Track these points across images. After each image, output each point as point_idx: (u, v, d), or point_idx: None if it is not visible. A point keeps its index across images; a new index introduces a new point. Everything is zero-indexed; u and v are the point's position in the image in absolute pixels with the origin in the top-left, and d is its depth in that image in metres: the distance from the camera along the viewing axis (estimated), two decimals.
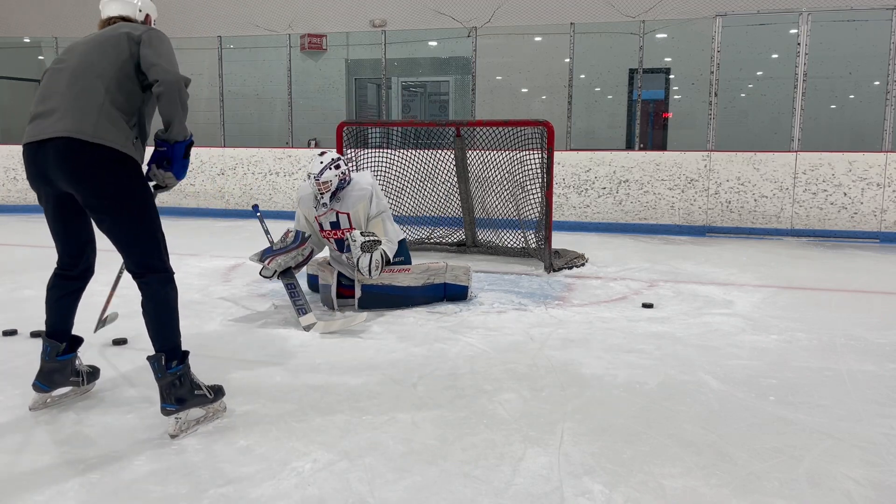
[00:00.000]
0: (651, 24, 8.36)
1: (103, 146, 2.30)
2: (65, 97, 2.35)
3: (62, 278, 2.60)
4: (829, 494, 2.06)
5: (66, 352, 2.62)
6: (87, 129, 2.29)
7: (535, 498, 2.02)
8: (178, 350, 2.49)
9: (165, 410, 2.42)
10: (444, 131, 6.18)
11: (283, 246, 4.13)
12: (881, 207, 7.12)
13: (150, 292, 2.46)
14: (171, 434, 2.41)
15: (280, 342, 3.56)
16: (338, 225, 4.22)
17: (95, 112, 2.32)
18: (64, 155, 2.30)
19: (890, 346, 3.52)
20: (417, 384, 2.95)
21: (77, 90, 2.35)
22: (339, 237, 4.26)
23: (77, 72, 2.39)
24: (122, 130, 2.36)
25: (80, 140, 2.28)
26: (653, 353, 3.39)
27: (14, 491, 2.06)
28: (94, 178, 2.32)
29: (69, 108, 2.33)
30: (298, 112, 9.40)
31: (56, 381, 2.63)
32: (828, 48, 7.87)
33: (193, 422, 2.49)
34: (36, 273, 5.03)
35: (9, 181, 9.35)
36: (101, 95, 2.35)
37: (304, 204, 4.27)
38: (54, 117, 2.33)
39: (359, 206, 4.17)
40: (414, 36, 9.80)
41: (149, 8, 2.77)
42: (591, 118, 9.75)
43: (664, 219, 7.72)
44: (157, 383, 2.44)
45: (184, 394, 2.44)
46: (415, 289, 4.23)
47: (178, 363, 2.46)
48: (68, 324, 2.64)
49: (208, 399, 2.54)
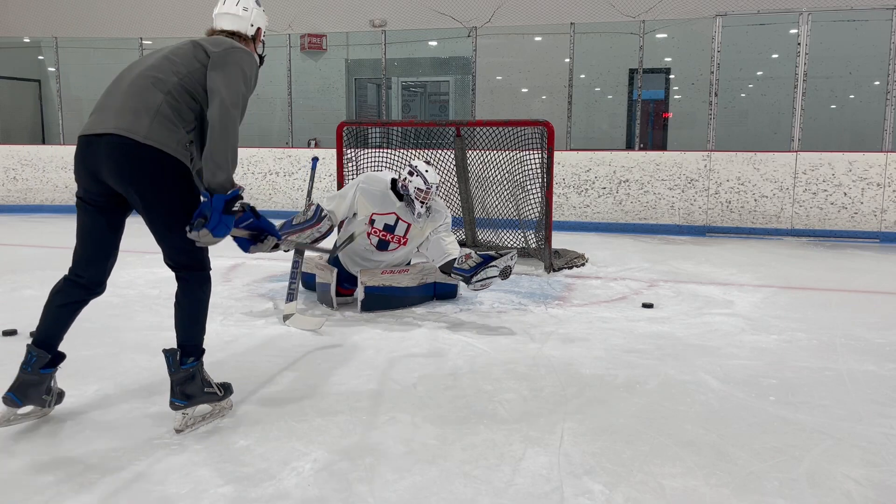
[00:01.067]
0: (651, 24, 8.36)
1: (154, 148, 2.30)
2: (124, 95, 2.36)
3: (71, 284, 2.49)
4: (829, 494, 2.06)
5: (48, 366, 2.46)
6: (140, 129, 2.29)
7: (535, 498, 2.02)
8: (198, 347, 2.50)
9: (174, 405, 2.43)
10: (444, 131, 6.17)
11: (300, 222, 4.06)
12: (881, 207, 7.12)
13: (186, 288, 2.48)
14: (177, 429, 2.42)
15: (280, 342, 3.56)
16: (392, 229, 4.21)
17: (151, 114, 2.31)
18: (114, 151, 2.30)
19: (890, 346, 3.52)
20: (417, 384, 2.95)
21: (136, 90, 2.36)
22: (385, 239, 4.24)
23: (143, 73, 2.39)
24: (176, 134, 2.34)
25: (132, 139, 2.28)
26: (653, 353, 3.39)
27: (13, 491, 2.06)
28: (142, 178, 2.31)
29: (125, 107, 2.33)
30: (298, 112, 9.40)
31: (30, 396, 2.44)
32: (828, 48, 7.87)
33: (199, 418, 2.50)
34: (36, 273, 5.03)
35: (9, 181, 9.35)
36: (160, 98, 2.34)
37: (370, 197, 4.21)
38: (110, 113, 2.34)
39: (429, 224, 4.21)
40: (414, 36, 9.80)
41: (261, 20, 2.70)
42: (591, 118, 9.75)
43: (664, 219, 7.72)
44: (169, 377, 2.44)
45: (194, 390, 2.45)
46: (412, 289, 4.24)
47: (193, 360, 2.47)
48: (59, 336, 2.51)
49: (217, 396, 2.55)
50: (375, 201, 4.21)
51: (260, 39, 2.74)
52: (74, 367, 3.06)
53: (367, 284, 4.12)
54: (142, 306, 4.20)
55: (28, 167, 9.27)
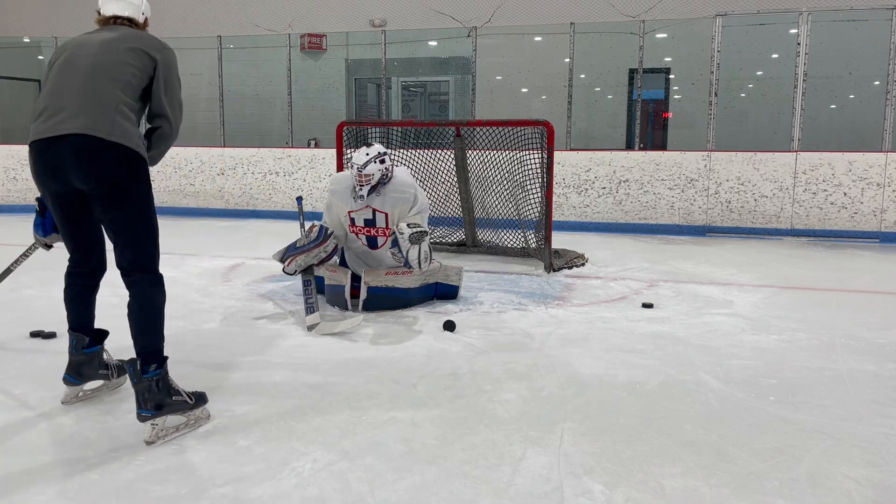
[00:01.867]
0: (651, 24, 8.36)
1: (119, 144, 2.33)
2: (79, 95, 2.36)
3: (75, 276, 2.63)
4: (829, 494, 2.06)
5: (92, 344, 2.65)
6: (103, 127, 2.32)
7: (535, 498, 2.02)
8: (158, 354, 2.42)
9: (141, 416, 2.35)
10: (444, 131, 6.17)
11: (305, 243, 4.11)
12: (881, 207, 7.12)
13: (137, 292, 2.43)
14: (147, 441, 2.34)
15: (280, 342, 3.56)
16: (373, 223, 4.20)
17: (111, 112, 2.35)
18: (81, 151, 2.31)
19: (890, 346, 3.52)
20: (417, 384, 2.95)
21: (91, 89, 2.37)
22: (371, 234, 4.23)
23: (92, 72, 2.40)
24: (135, 130, 2.41)
25: (97, 137, 2.31)
26: (653, 353, 3.39)
27: (15, 491, 2.06)
28: (108, 173, 2.34)
29: (83, 107, 2.35)
30: (298, 112, 9.39)
31: (84, 373, 2.66)
32: (828, 48, 7.87)
33: (172, 429, 2.42)
34: (36, 273, 5.02)
35: (9, 181, 9.35)
36: (117, 97, 2.38)
37: (339, 195, 4.21)
38: (66, 114, 2.35)
39: (399, 207, 4.15)
40: (414, 36, 9.80)
41: (147, 10, 2.78)
42: (591, 118, 9.75)
43: (664, 219, 7.72)
44: (133, 388, 2.37)
45: (160, 399, 2.36)
46: (413, 290, 4.23)
47: (156, 367, 2.38)
48: (89, 318, 2.68)
49: (188, 405, 2.46)
50: (346, 199, 4.20)
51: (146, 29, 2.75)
52: None
53: (370, 284, 4.12)
54: None
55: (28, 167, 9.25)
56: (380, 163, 4.08)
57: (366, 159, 4.04)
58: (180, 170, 9.13)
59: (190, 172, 9.15)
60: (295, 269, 4.09)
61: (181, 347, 3.44)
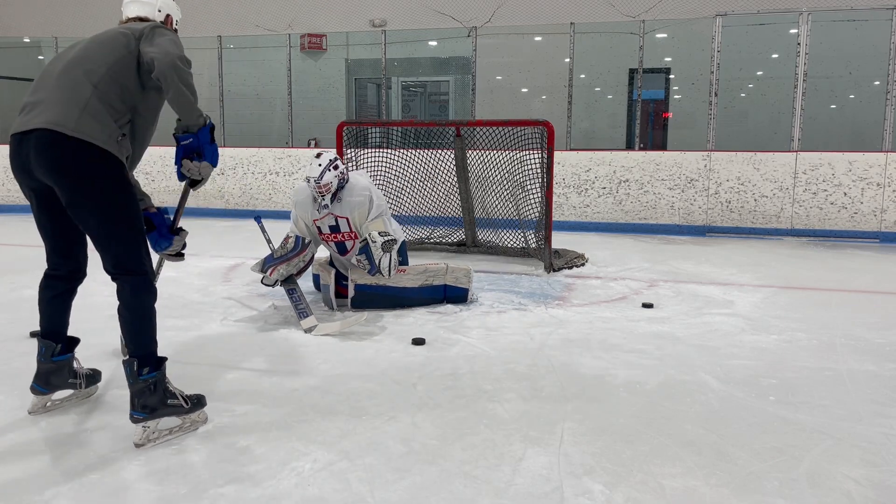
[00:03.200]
0: (651, 24, 8.36)
1: (83, 141, 2.24)
2: (52, 90, 2.32)
3: (51, 278, 2.53)
4: (829, 494, 2.06)
5: (62, 353, 2.55)
6: (68, 122, 2.24)
7: (535, 498, 2.02)
8: (153, 357, 2.38)
9: (133, 418, 2.32)
10: (444, 131, 6.17)
11: (284, 254, 4.14)
12: (881, 207, 7.12)
13: (123, 295, 2.36)
14: (136, 443, 2.31)
15: (280, 342, 3.56)
16: (337, 228, 4.20)
17: (80, 106, 2.26)
18: (43, 147, 2.25)
19: (890, 346, 3.52)
20: (417, 384, 2.95)
21: (64, 83, 2.32)
22: (339, 240, 4.24)
23: (69, 66, 2.35)
24: (106, 127, 2.29)
25: (60, 133, 2.23)
26: (653, 353, 3.39)
27: (14, 492, 2.06)
28: (71, 171, 2.25)
29: (54, 101, 2.29)
30: (298, 112, 9.39)
31: (53, 382, 2.56)
32: (828, 48, 7.87)
33: (165, 431, 2.39)
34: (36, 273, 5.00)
35: (9, 181, 9.35)
36: (89, 90, 2.29)
37: (301, 207, 4.22)
38: (38, 109, 2.30)
39: (358, 210, 4.13)
40: (414, 36, 9.80)
41: (169, 7, 2.71)
42: (591, 118, 9.75)
43: (664, 219, 7.72)
44: (129, 389, 2.34)
45: (155, 402, 2.34)
46: (412, 290, 4.22)
47: (150, 370, 2.34)
48: (62, 324, 2.57)
49: (184, 409, 2.42)
50: (308, 209, 4.19)
51: (171, 28, 2.69)
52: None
53: (357, 282, 4.13)
54: None
55: None
56: (334, 169, 4.06)
57: (320, 170, 4.01)
58: None
59: None
60: (276, 279, 4.10)
61: (181, 347, 3.44)
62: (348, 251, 4.26)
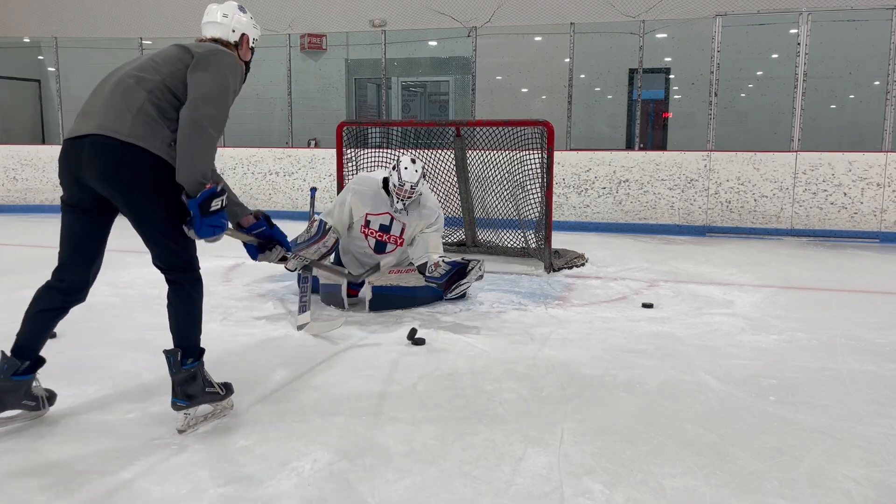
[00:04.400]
0: (651, 24, 8.36)
1: (136, 146, 2.28)
2: (106, 97, 2.35)
3: (51, 289, 2.47)
4: (829, 494, 2.06)
5: (25, 372, 2.43)
6: (122, 128, 2.28)
7: (535, 498, 2.02)
8: (196, 348, 2.50)
9: (176, 405, 2.43)
10: (444, 131, 6.17)
11: (307, 238, 4.12)
12: (881, 207, 7.12)
13: (177, 290, 2.46)
14: (179, 429, 2.43)
15: (280, 342, 3.56)
16: (388, 229, 4.21)
17: (133, 113, 2.30)
18: (96, 152, 2.28)
19: (890, 346, 3.52)
20: (417, 384, 2.95)
21: (119, 90, 2.35)
22: (382, 240, 4.24)
23: (124, 76, 2.39)
24: (159, 133, 2.32)
25: (114, 138, 2.27)
26: (653, 353, 3.39)
27: (13, 492, 2.06)
28: (123, 175, 2.29)
29: (108, 108, 2.32)
30: (298, 112, 9.40)
31: (6, 402, 2.42)
32: (828, 48, 7.87)
33: (201, 417, 2.51)
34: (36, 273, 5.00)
35: (9, 181, 9.35)
36: (143, 97, 2.33)
37: (361, 197, 4.20)
38: (92, 115, 2.34)
39: (421, 223, 4.17)
40: (414, 36, 9.80)
41: (245, 28, 2.67)
42: (591, 118, 9.75)
43: (664, 219, 7.72)
44: (170, 378, 2.44)
45: (195, 391, 2.45)
46: (419, 289, 4.23)
47: (193, 360, 2.47)
48: (39, 342, 2.48)
49: (219, 396, 2.55)
50: (367, 201, 4.20)
51: (247, 47, 2.70)
52: (74, 368, 3.07)
53: (374, 284, 4.12)
54: (142, 306, 4.20)
55: (28, 167, 9.27)
56: (424, 179, 4.13)
57: (417, 177, 4.05)
58: None
59: None
60: (296, 265, 4.09)
61: None
62: (385, 252, 4.27)
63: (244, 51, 2.70)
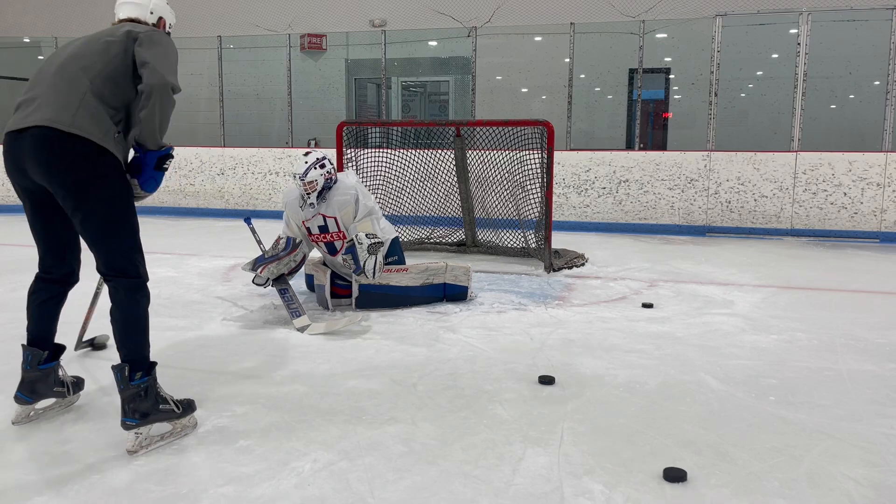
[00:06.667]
0: (651, 24, 8.36)
1: (79, 137, 2.20)
2: (48, 87, 2.28)
3: (43, 282, 2.47)
4: (829, 494, 2.05)
5: (48, 360, 2.48)
6: (64, 118, 2.20)
7: (535, 498, 2.02)
8: (145, 362, 2.33)
9: (125, 424, 2.27)
10: (444, 131, 6.18)
11: (275, 253, 4.15)
12: (881, 207, 7.12)
13: (117, 297, 2.32)
14: (129, 450, 2.26)
15: (280, 342, 3.56)
16: (326, 229, 4.20)
17: (75, 103, 2.23)
18: (39, 144, 2.20)
19: (890, 346, 3.52)
20: (417, 384, 2.95)
21: (59, 80, 2.28)
22: (328, 241, 4.24)
23: (64, 64, 2.32)
24: (102, 123, 2.24)
25: (56, 129, 2.19)
26: (653, 353, 3.39)
27: (14, 492, 2.06)
28: (66, 169, 2.21)
29: (49, 98, 2.25)
30: (298, 112, 9.40)
31: (39, 391, 2.48)
32: (828, 48, 7.87)
33: (157, 437, 2.35)
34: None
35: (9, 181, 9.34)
36: (85, 86, 2.26)
37: (291, 207, 4.23)
38: (34, 106, 2.26)
39: (345, 209, 4.13)
40: (414, 36, 9.80)
41: (162, 10, 2.66)
42: (591, 118, 9.75)
43: (664, 219, 7.72)
44: (119, 395, 2.29)
45: (147, 408, 2.30)
46: (413, 289, 4.23)
47: (142, 375, 2.30)
48: (51, 331, 2.51)
49: (175, 414, 2.38)
50: (297, 210, 4.21)
51: (164, 30, 2.65)
52: (75, 368, 3.07)
53: (361, 282, 4.12)
54: None
55: None
56: (320, 167, 4.08)
57: (305, 167, 4.04)
58: (180, 170, 9.13)
59: (190, 172, 9.16)
60: (266, 277, 4.10)
61: (181, 348, 3.44)
62: (338, 251, 4.26)
63: None
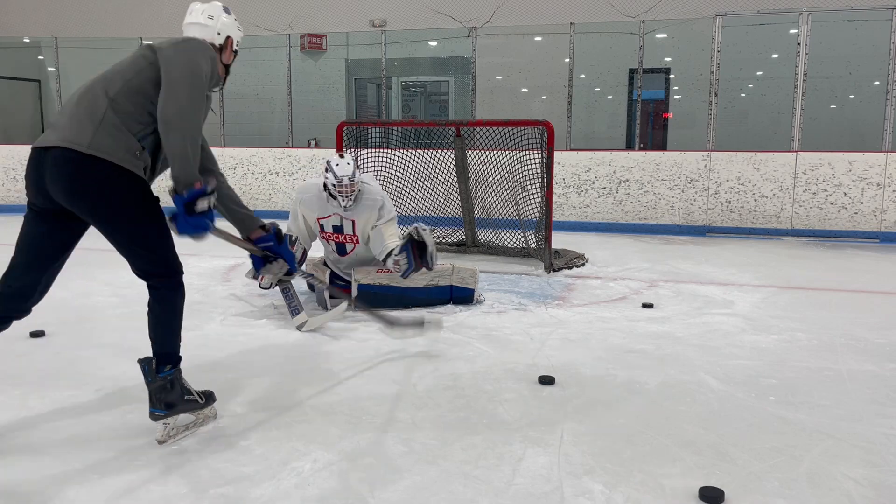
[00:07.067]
0: (651, 24, 8.36)
1: (97, 158, 2.20)
2: (73, 107, 2.30)
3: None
4: (829, 494, 2.05)
5: None
6: (83, 139, 2.20)
7: (535, 498, 2.02)
8: (174, 355, 2.42)
9: (154, 415, 2.35)
10: (444, 131, 6.17)
11: None
12: (881, 207, 7.12)
13: (157, 296, 2.39)
14: (159, 440, 2.35)
15: (280, 342, 3.56)
16: (341, 229, 4.19)
17: (95, 122, 2.23)
18: (59, 165, 2.22)
19: (890, 346, 3.52)
20: (417, 384, 2.95)
21: (81, 99, 2.30)
22: (339, 241, 4.23)
23: (91, 84, 2.33)
24: (123, 142, 2.24)
25: (75, 151, 2.20)
26: (653, 353, 3.39)
27: (13, 492, 2.06)
28: (84, 192, 2.22)
29: (71, 119, 2.26)
30: (298, 112, 9.39)
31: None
32: (828, 48, 7.87)
33: (183, 427, 2.43)
34: None
35: (9, 181, 9.36)
36: (105, 103, 2.25)
37: (308, 204, 4.20)
38: (58, 126, 2.28)
39: (367, 214, 4.10)
40: (414, 36, 9.80)
41: (230, 30, 2.58)
42: (591, 118, 9.75)
43: (664, 219, 7.72)
44: (146, 387, 2.36)
45: (174, 399, 2.37)
46: (416, 290, 4.21)
47: (170, 367, 2.40)
48: None
49: (199, 404, 2.46)
50: (314, 207, 4.18)
51: (230, 50, 2.62)
52: (76, 369, 3.07)
53: (360, 282, 4.12)
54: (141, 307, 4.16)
55: None
56: (359, 170, 4.04)
57: (351, 168, 3.96)
58: None
59: None
60: (269, 282, 4.09)
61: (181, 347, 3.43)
62: (347, 253, 4.26)
63: (227, 54, 2.61)
